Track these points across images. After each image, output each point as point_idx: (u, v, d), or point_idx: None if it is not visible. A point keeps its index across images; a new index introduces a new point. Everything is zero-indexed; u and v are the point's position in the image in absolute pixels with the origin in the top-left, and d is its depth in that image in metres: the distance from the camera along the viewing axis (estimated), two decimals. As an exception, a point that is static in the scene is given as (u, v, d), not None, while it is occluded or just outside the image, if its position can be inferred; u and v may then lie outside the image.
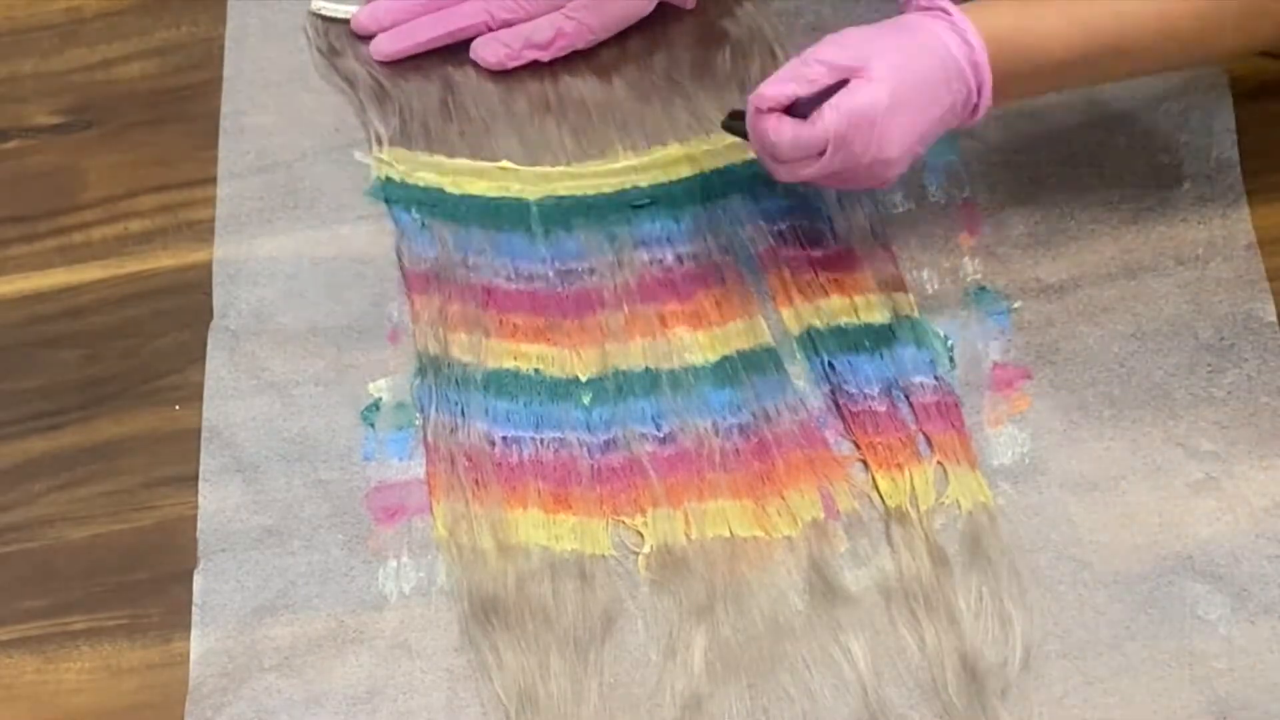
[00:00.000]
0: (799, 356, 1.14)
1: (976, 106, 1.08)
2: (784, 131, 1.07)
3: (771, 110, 1.07)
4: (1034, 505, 1.08)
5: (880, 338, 1.14)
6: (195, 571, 1.08)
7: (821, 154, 1.07)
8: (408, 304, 1.18)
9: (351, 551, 1.09)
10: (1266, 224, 1.17)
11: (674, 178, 1.22)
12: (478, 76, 1.27)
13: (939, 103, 1.07)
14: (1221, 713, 1.01)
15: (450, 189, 1.22)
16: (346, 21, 1.29)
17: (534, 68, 1.26)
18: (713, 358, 1.15)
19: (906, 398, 1.12)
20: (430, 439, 1.12)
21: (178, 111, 1.27)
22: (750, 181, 1.21)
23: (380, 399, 1.14)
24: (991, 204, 1.19)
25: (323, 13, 1.30)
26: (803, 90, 1.07)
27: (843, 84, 1.06)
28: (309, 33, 1.30)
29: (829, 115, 1.06)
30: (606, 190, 1.22)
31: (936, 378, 1.13)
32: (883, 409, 1.12)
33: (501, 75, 1.27)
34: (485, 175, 1.22)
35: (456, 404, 1.13)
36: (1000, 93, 1.08)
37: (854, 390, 1.12)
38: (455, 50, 1.28)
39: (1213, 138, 1.20)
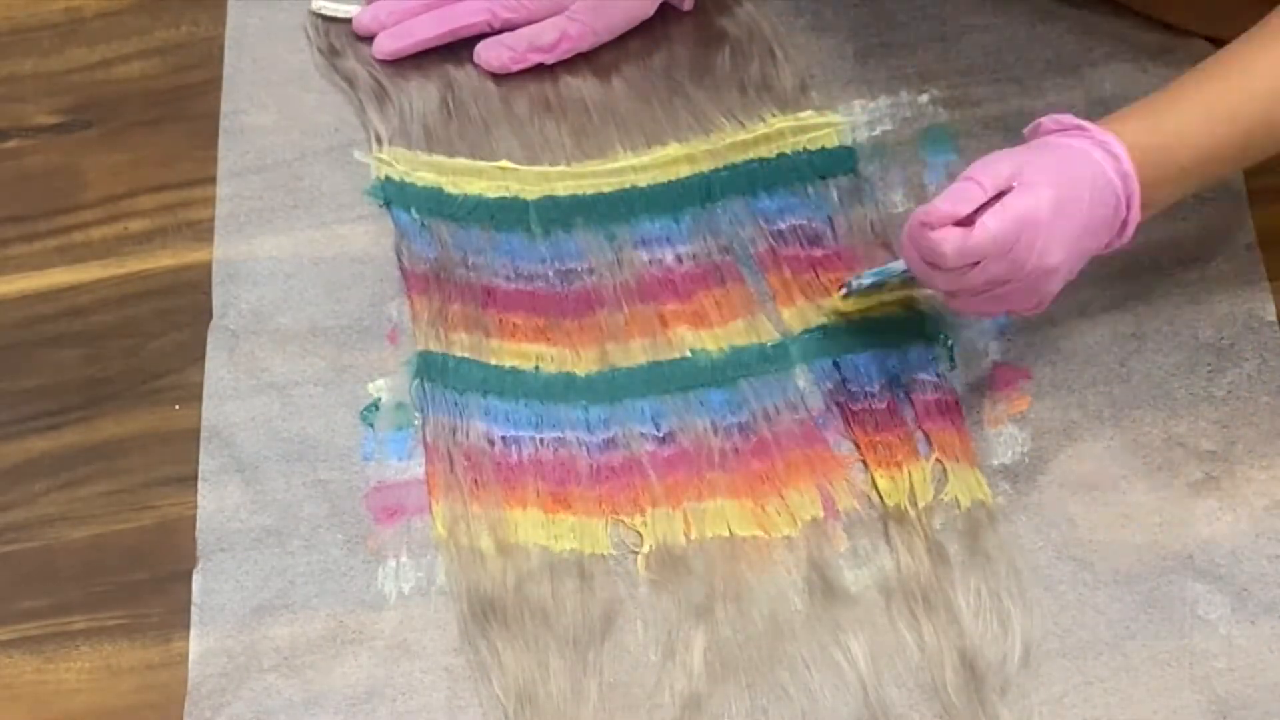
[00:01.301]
0: (800, 356, 1.14)
1: (1125, 221, 1.04)
2: (950, 238, 1.01)
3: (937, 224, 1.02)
4: (1034, 505, 1.08)
5: (887, 333, 1.14)
6: (194, 571, 1.08)
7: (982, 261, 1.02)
8: (407, 304, 1.17)
9: (351, 551, 1.09)
10: (1266, 224, 1.17)
11: (673, 177, 1.22)
12: (478, 76, 1.27)
13: (1094, 214, 1.03)
14: (1221, 713, 1.01)
15: (450, 189, 1.22)
16: (347, 21, 1.29)
17: (534, 67, 1.26)
18: (712, 357, 1.14)
19: (908, 395, 1.12)
20: (429, 439, 1.12)
21: (178, 111, 1.27)
22: (750, 181, 1.21)
23: (379, 399, 1.14)
24: (992, 204, 1.19)
25: (323, 12, 1.30)
26: (966, 209, 1.01)
27: (1001, 195, 1.02)
28: (309, 33, 1.30)
29: (992, 221, 1.01)
30: (606, 190, 1.22)
31: (938, 375, 1.13)
32: (883, 406, 1.12)
33: (502, 75, 1.27)
34: (485, 175, 1.22)
35: (456, 404, 1.13)
36: (1150, 200, 1.04)
37: (856, 388, 1.12)
38: (455, 50, 1.28)
39: (1213, 137, 1.20)
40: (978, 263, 1.02)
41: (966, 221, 1.01)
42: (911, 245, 1.04)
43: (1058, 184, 1.02)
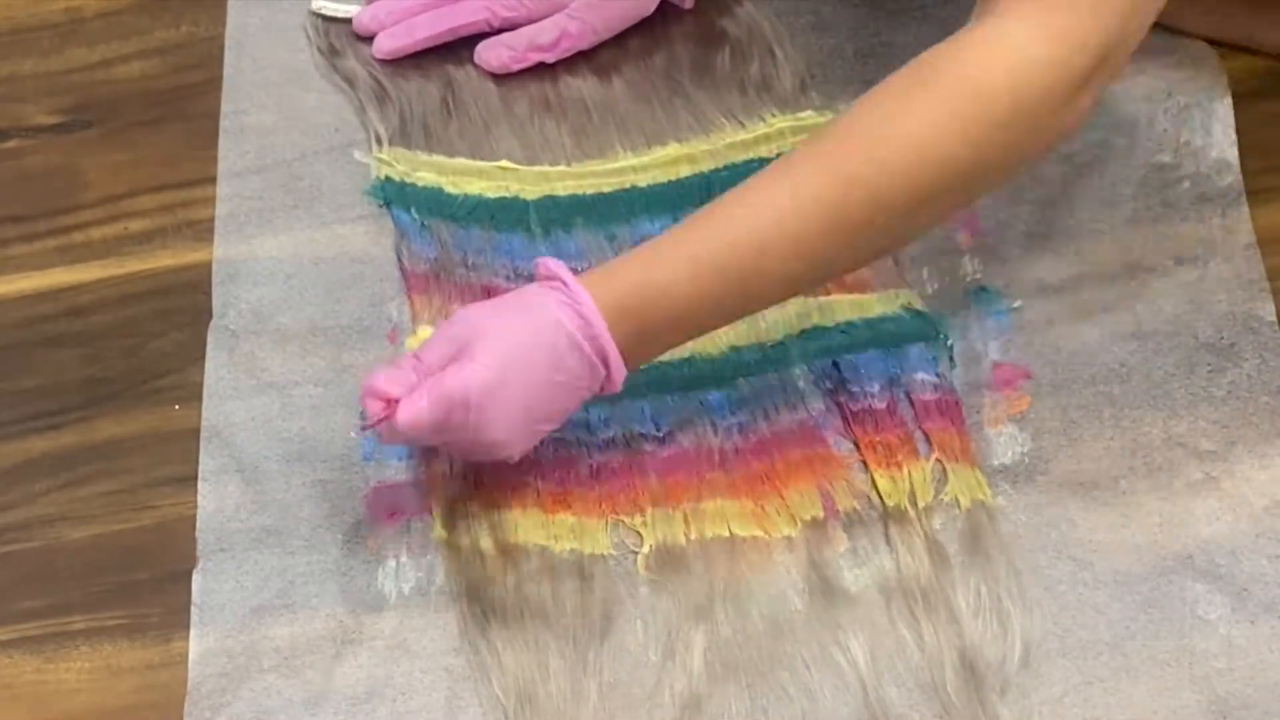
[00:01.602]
0: (800, 356, 1.14)
1: (609, 376, 1.03)
2: (378, 414, 1.02)
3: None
4: (1034, 505, 1.08)
5: (887, 333, 1.14)
6: (194, 571, 1.08)
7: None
8: (407, 304, 1.18)
9: (350, 551, 1.09)
10: (1266, 224, 1.17)
11: (673, 178, 1.22)
12: (478, 76, 1.27)
13: (554, 381, 1.02)
14: (1221, 713, 1.01)
15: (450, 189, 1.22)
16: (347, 21, 1.30)
17: (534, 67, 1.26)
18: (712, 357, 1.14)
19: (908, 395, 1.12)
20: (429, 439, 1.12)
21: (178, 111, 1.27)
22: (750, 181, 1.21)
23: (379, 399, 1.14)
24: (992, 204, 1.19)
25: (323, 12, 1.30)
26: (397, 392, 1.01)
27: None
28: (309, 33, 1.30)
29: (411, 408, 1.01)
30: (606, 190, 1.22)
31: (938, 375, 1.13)
32: (883, 406, 1.12)
33: (502, 75, 1.27)
34: (485, 175, 1.23)
35: (456, 404, 1.13)
36: (639, 353, 1.04)
37: (856, 389, 1.12)
38: (455, 50, 1.28)
39: (1212, 138, 1.20)
40: None
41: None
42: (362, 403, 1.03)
43: (504, 359, 1.01)
